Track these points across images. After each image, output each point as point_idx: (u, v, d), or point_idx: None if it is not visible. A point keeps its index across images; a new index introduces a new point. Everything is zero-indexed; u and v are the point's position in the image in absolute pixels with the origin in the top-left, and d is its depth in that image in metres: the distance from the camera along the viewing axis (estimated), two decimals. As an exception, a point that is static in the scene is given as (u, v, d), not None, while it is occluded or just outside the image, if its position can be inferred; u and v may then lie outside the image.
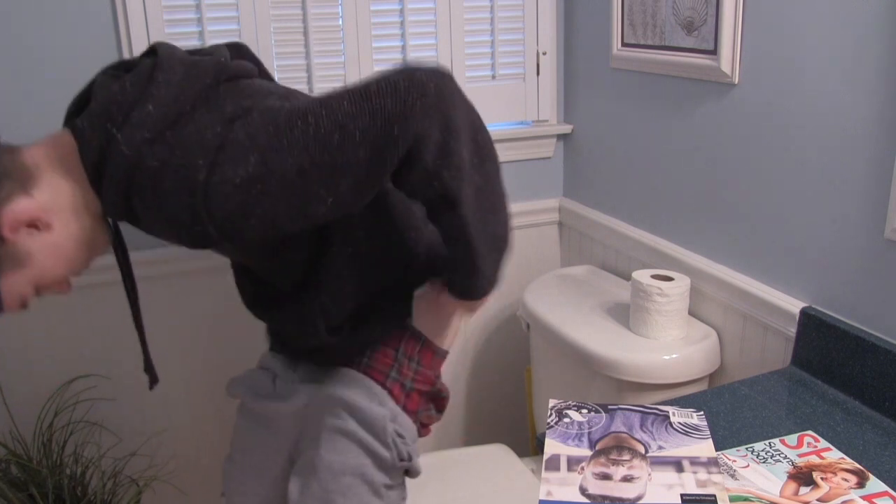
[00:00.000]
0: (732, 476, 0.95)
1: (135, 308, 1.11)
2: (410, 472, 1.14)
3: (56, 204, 0.90)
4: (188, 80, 0.90)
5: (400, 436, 1.09)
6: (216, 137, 0.85)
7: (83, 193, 0.91)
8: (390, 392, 1.10)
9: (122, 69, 0.96)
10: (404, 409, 1.11)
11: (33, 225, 0.88)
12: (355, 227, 1.06)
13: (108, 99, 0.87)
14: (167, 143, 0.85)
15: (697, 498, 0.87)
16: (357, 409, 1.08)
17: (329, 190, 0.87)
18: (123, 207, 0.89)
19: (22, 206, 0.86)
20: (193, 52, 1.01)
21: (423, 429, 1.16)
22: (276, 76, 1.58)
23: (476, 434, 2.01)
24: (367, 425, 1.07)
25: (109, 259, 1.55)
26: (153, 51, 0.97)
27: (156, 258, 1.58)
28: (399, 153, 0.88)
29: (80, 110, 0.97)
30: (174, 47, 0.97)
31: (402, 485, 1.15)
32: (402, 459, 1.09)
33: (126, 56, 1.48)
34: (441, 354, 1.15)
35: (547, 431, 1.02)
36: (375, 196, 1.01)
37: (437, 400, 1.16)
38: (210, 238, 0.87)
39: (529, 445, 2.04)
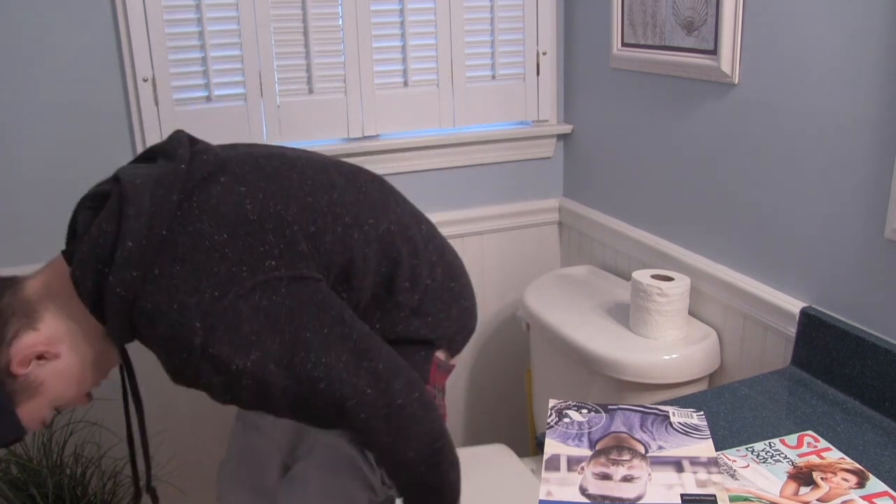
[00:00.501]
0: (732, 476, 0.95)
1: (142, 427, 1.13)
2: (391, 496, 1.12)
3: (61, 334, 0.95)
4: (156, 205, 0.91)
5: None
6: (213, 302, 0.89)
7: (86, 320, 0.95)
8: None
9: (98, 199, 0.97)
10: None
11: (41, 357, 0.93)
12: None
13: (91, 243, 0.91)
14: (159, 285, 0.89)
15: (697, 498, 0.87)
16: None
17: (294, 412, 0.96)
18: (130, 333, 0.94)
19: (30, 341, 0.92)
20: (154, 153, 1.02)
21: None
22: (277, 76, 1.58)
23: (476, 434, 2.01)
24: (356, 443, 1.06)
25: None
26: (116, 178, 0.97)
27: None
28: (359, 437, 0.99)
29: (72, 236, 1.03)
30: (134, 166, 0.98)
31: (392, 498, 1.13)
32: (384, 483, 1.08)
33: (125, 55, 1.48)
34: (445, 368, 1.14)
35: (547, 431, 1.02)
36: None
37: None
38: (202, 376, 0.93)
39: (529, 445, 2.04)
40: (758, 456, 0.99)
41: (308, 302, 0.94)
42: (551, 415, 1.06)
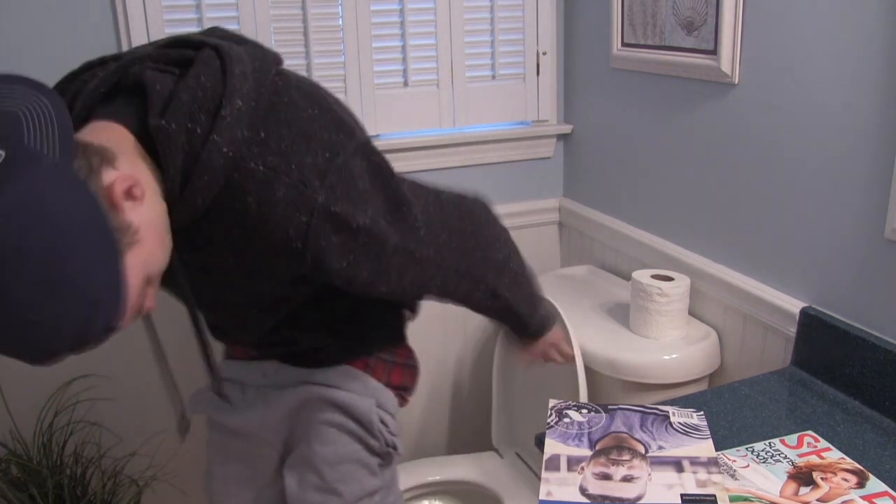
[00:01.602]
0: (732, 476, 0.95)
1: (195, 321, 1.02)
2: (396, 455, 1.16)
3: (140, 177, 0.78)
4: (260, 70, 0.85)
5: (384, 423, 1.11)
6: (325, 162, 0.84)
7: (156, 184, 0.81)
8: (373, 371, 1.12)
9: (161, 62, 0.85)
10: (388, 384, 1.13)
11: (131, 195, 0.75)
12: None
13: (188, 96, 0.80)
14: (269, 148, 0.81)
15: (697, 498, 0.87)
16: (343, 403, 1.09)
17: (400, 276, 0.94)
18: (193, 224, 0.84)
19: (115, 174, 0.74)
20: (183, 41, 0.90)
21: (402, 401, 1.18)
22: (276, 76, 1.58)
23: (477, 437, 2.01)
24: (355, 418, 1.09)
25: (109, 259, 1.55)
26: (187, 41, 0.88)
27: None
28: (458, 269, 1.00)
29: (108, 98, 0.87)
30: (221, 31, 0.94)
31: (391, 463, 1.17)
32: (388, 445, 1.12)
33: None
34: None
35: (547, 431, 1.02)
36: None
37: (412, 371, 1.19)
38: (297, 264, 0.85)
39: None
40: (758, 456, 0.99)
41: (389, 164, 0.95)
42: (551, 415, 1.06)
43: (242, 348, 1.18)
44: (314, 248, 0.84)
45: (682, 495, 0.87)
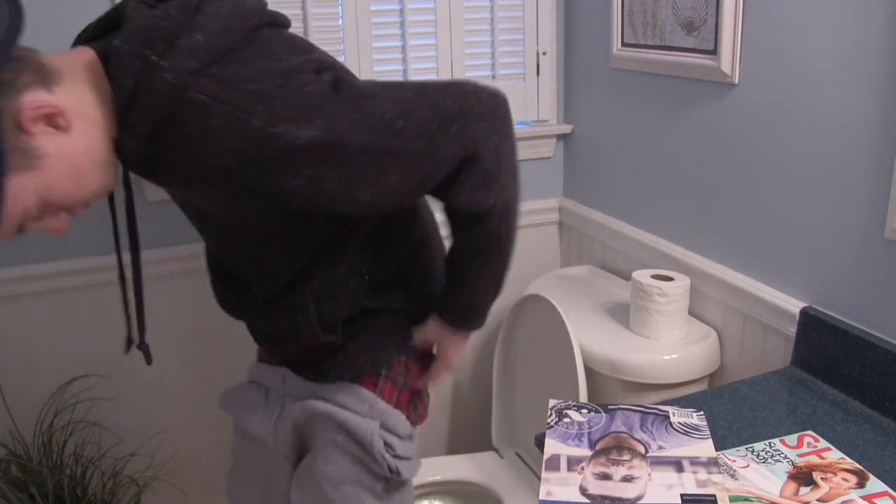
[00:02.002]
0: (732, 476, 0.95)
1: (137, 271, 1.03)
2: (401, 481, 1.13)
3: (77, 108, 0.81)
4: (237, 16, 0.85)
5: (389, 446, 1.08)
6: (275, 88, 0.82)
7: (104, 114, 0.83)
8: (381, 393, 1.09)
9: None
10: (396, 405, 1.10)
11: (52, 123, 0.79)
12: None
13: (149, 24, 0.81)
14: (216, 79, 0.80)
15: (697, 498, 0.87)
16: (346, 425, 1.07)
17: (379, 176, 0.87)
18: (143, 149, 0.83)
19: (44, 98, 0.78)
20: None
21: (418, 419, 1.14)
22: (276, 76, 1.58)
23: (477, 438, 2.01)
24: (356, 440, 1.07)
25: (108, 259, 1.55)
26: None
27: (157, 258, 1.57)
28: (455, 153, 0.91)
29: (101, 36, 0.89)
30: None
31: (401, 487, 1.14)
32: (391, 471, 1.09)
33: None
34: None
35: (547, 431, 1.02)
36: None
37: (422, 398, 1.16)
38: (246, 190, 0.84)
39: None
40: (758, 456, 0.99)
41: (353, 76, 0.91)
42: (551, 415, 1.06)
43: (268, 346, 1.18)
44: (257, 174, 0.83)
45: (682, 495, 0.87)
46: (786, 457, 0.99)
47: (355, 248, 1.04)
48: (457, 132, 0.90)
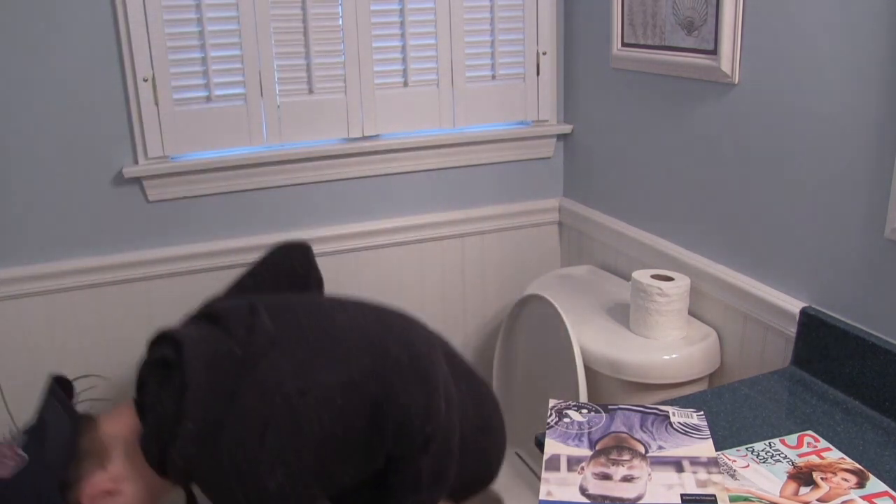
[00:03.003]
0: (732, 476, 0.95)
1: None
2: None
3: (127, 473, 1.09)
4: (212, 391, 1.03)
5: None
6: (248, 463, 1.02)
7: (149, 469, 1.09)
8: None
9: (160, 365, 1.10)
10: None
11: (109, 493, 1.07)
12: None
13: (155, 420, 1.06)
14: (213, 459, 1.02)
15: (697, 498, 0.87)
16: None
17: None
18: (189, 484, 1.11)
19: (98, 479, 1.07)
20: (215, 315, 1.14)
21: None
22: (277, 76, 1.58)
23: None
24: None
25: (108, 259, 1.55)
26: (178, 345, 1.08)
27: (157, 257, 1.58)
28: (390, 428, 1.07)
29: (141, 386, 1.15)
30: (196, 335, 1.10)
31: None
32: None
33: (125, 55, 1.48)
34: None
35: (547, 431, 1.02)
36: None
37: None
38: None
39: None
40: (758, 456, 0.99)
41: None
42: (551, 415, 1.06)
43: None
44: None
45: (682, 495, 0.87)
46: (786, 457, 0.99)
47: None
48: (387, 410, 1.08)
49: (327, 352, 1.09)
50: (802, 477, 0.94)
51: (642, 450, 0.97)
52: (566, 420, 1.04)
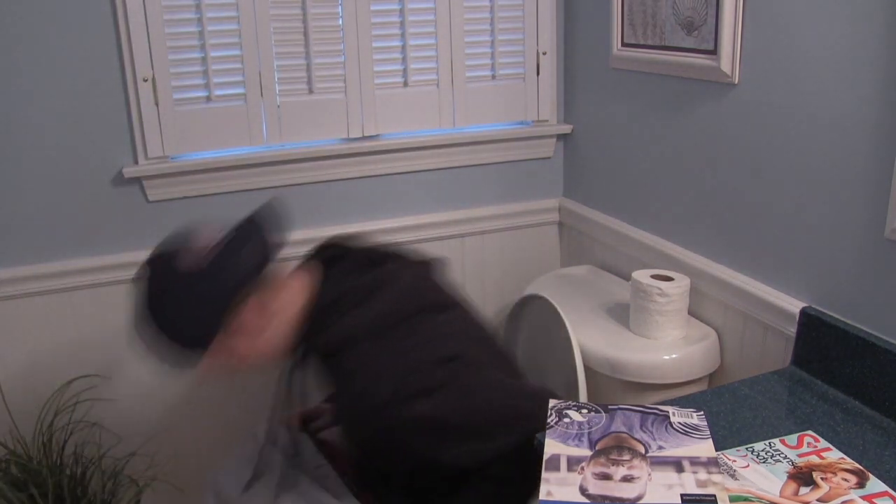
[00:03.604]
0: (732, 476, 0.95)
1: None
2: None
3: (269, 321, 1.16)
4: (403, 299, 1.14)
5: None
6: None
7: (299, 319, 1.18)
8: None
9: (358, 264, 1.21)
10: None
11: (253, 331, 1.15)
12: None
13: (343, 292, 1.15)
14: (378, 348, 1.09)
15: (697, 498, 0.87)
16: None
17: None
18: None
19: (251, 313, 1.13)
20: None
21: None
22: (277, 76, 1.58)
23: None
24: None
25: (108, 259, 1.55)
26: (378, 261, 1.21)
27: (156, 258, 1.58)
28: None
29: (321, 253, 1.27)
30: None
31: None
32: None
33: (125, 55, 1.48)
34: None
35: (547, 431, 1.02)
36: None
37: None
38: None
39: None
40: (758, 456, 0.99)
41: None
42: (551, 415, 1.06)
43: None
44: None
45: (682, 495, 0.87)
46: (786, 457, 0.99)
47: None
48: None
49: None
50: (802, 477, 0.94)
51: (642, 450, 0.97)
52: (566, 420, 1.04)
